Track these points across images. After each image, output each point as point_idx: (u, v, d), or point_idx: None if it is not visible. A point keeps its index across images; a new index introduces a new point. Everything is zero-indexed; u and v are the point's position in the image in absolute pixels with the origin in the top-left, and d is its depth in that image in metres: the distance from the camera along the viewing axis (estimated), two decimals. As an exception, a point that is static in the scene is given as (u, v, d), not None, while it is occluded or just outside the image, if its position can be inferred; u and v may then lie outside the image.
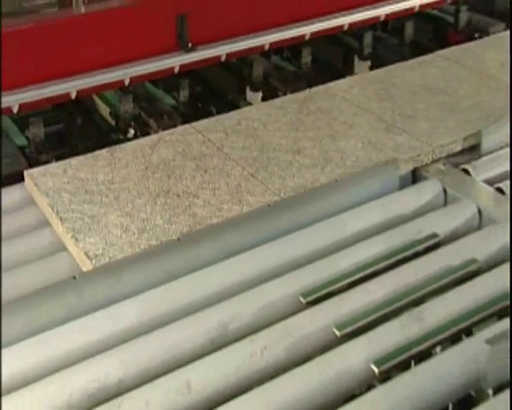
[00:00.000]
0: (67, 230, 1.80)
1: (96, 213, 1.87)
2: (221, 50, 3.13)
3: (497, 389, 1.47)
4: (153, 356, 1.50)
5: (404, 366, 1.51)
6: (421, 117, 2.36)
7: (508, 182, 2.10)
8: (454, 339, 1.59)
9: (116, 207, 1.90)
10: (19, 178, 2.19)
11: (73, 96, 2.97)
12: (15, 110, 2.84)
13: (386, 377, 1.49)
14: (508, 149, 2.26)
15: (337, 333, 1.56)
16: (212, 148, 2.17)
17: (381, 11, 3.46)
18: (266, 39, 3.19)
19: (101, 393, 1.43)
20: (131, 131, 2.88)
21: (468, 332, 1.61)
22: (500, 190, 2.07)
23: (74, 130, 3.19)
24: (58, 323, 1.56)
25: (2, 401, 1.37)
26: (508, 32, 3.12)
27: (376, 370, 1.47)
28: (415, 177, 2.17)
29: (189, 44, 3.08)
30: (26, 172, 2.12)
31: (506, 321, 1.58)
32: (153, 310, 1.62)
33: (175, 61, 3.06)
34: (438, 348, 1.59)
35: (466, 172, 2.16)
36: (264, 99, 3.09)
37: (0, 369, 1.37)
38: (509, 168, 2.19)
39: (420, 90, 2.55)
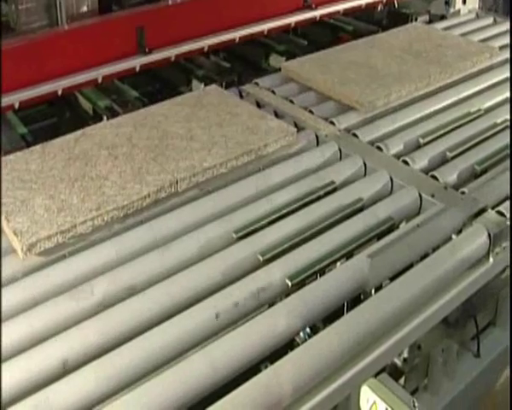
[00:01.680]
0: (2, 213, 1.64)
1: (25, 198, 1.70)
2: (171, 53, 3.03)
3: (376, 289, 1.51)
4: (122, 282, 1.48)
5: (311, 279, 1.52)
6: (353, 83, 2.37)
7: (388, 141, 2.11)
8: (347, 256, 1.61)
9: (42, 191, 1.73)
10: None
11: (60, 93, 2.87)
12: (16, 106, 2.75)
13: (298, 287, 1.48)
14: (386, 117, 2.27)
15: (260, 258, 1.56)
16: (123, 139, 1.98)
17: (292, 19, 3.43)
18: (205, 43, 3.12)
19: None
20: (105, 118, 2.79)
21: (357, 251, 1.62)
22: (379, 148, 2.08)
23: (63, 120, 3.07)
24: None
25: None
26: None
27: (290, 283, 1.47)
28: (318, 140, 2.15)
29: (147, 49, 2.99)
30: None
31: (382, 241, 1.60)
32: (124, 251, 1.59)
33: (136, 63, 2.95)
34: (338, 263, 1.60)
35: (355, 135, 2.16)
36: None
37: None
38: (389, 129, 2.21)
39: (350, 65, 2.54)
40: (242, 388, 1.22)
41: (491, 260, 1.65)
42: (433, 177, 1.91)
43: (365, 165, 1.97)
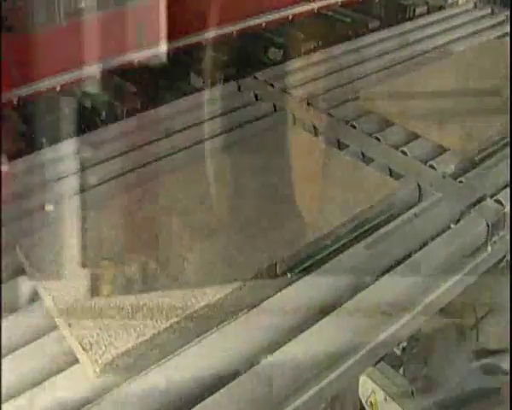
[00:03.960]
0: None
1: None
2: (168, 47, 3.03)
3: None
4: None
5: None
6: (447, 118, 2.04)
7: (385, 131, 2.09)
8: (344, 247, 1.57)
9: None
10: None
11: (58, 89, 2.86)
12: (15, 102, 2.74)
13: (296, 278, 1.47)
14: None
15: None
16: (196, 200, 1.60)
17: (289, 12, 3.43)
18: (203, 37, 3.12)
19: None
20: (103, 114, 2.79)
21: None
22: (377, 138, 2.06)
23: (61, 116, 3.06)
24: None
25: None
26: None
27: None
28: (316, 131, 2.12)
29: (145, 44, 2.98)
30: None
31: (376, 234, 1.59)
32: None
33: (135, 57, 2.96)
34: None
35: (353, 126, 2.14)
36: (203, 83, 3.03)
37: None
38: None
39: (438, 94, 2.18)
40: (240, 379, 1.21)
41: (489, 249, 1.64)
42: (431, 166, 1.90)
43: (363, 155, 1.96)
